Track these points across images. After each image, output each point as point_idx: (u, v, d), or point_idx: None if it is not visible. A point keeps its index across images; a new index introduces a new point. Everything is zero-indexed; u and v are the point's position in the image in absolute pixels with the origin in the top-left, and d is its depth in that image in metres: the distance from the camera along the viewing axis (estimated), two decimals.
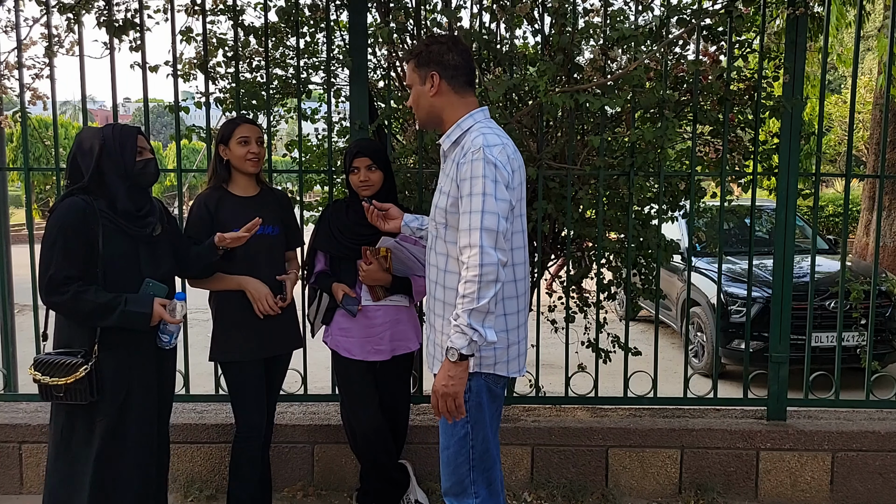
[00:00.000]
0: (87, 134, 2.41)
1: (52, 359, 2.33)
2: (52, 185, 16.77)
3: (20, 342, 3.60)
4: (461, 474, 2.22)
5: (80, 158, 2.37)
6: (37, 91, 3.42)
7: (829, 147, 17.98)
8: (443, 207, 2.17)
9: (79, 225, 2.29)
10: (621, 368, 3.45)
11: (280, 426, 3.26)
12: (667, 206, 3.51)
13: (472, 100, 2.24)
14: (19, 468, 3.34)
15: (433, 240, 2.25)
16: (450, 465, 2.24)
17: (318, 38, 3.47)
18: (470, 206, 2.03)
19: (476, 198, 2.02)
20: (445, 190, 2.16)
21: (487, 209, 2.01)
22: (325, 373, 3.39)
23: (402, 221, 2.57)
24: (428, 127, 2.39)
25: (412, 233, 2.58)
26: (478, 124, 2.18)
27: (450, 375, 2.02)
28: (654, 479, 3.34)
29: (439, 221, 2.19)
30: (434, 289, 2.24)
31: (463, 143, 2.15)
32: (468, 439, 2.20)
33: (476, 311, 1.97)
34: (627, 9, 3.32)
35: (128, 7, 3.29)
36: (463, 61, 2.21)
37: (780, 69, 3.26)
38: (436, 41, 2.23)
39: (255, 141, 2.75)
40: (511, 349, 2.21)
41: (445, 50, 2.19)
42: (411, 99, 2.28)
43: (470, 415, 2.17)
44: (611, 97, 3.06)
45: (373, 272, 2.74)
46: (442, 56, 2.18)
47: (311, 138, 4.00)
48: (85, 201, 2.32)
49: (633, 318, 4.00)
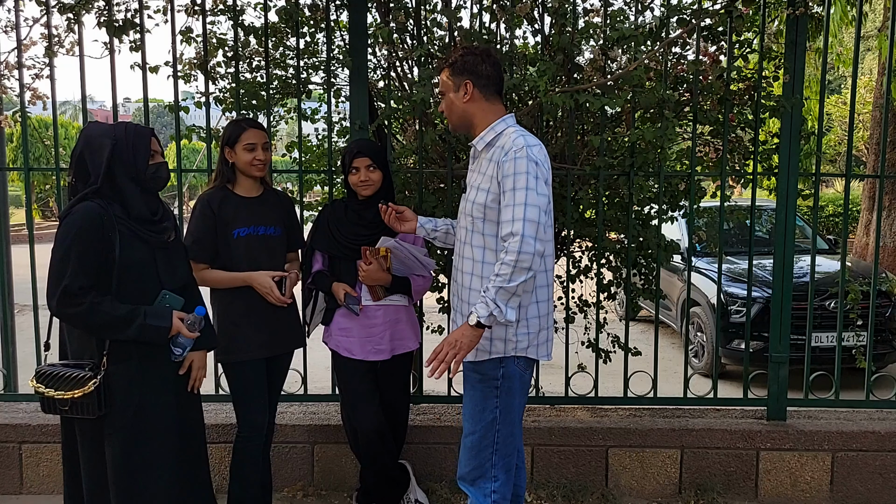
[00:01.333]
0: (97, 131, 2.26)
1: (57, 371, 2.21)
2: (52, 186, 16.79)
3: (20, 342, 3.60)
4: (483, 458, 2.35)
5: (89, 157, 2.22)
6: (37, 91, 3.42)
7: (829, 147, 17.97)
8: (481, 203, 2.31)
9: (95, 231, 2.16)
10: (621, 368, 3.45)
11: (280, 426, 3.26)
12: (667, 206, 3.51)
13: (501, 107, 2.42)
14: (19, 468, 3.34)
15: (468, 234, 2.39)
16: (472, 450, 2.37)
17: (318, 38, 3.46)
18: (514, 200, 2.20)
19: (520, 192, 2.19)
20: (484, 187, 2.31)
21: (530, 202, 2.18)
22: (325, 373, 3.39)
23: (418, 223, 2.69)
24: (459, 130, 2.56)
25: (426, 234, 2.72)
26: (510, 127, 2.36)
27: (464, 334, 2.21)
28: (654, 479, 3.34)
29: (476, 216, 2.34)
30: (470, 280, 2.38)
31: (501, 144, 2.31)
32: (495, 424, 2.34)
33: (504, 290, 2.15)
34: (627, 9, 3.32)
35: (128, 7, 3.29)
36: (494, 72, 2.39)
37: (780, 69, 3.26)
38: (471, 52, 2.39)
39: (261, 147, 2.74)
40: (541, 334, 2.39)
41: (479, 61, 2.36)
42: (444, 104, 2.46)
43: (500, 399, 2.34)
44: (611, 97, 3.06)
45: (373, 272, 2.74)
46: (476, 66, 2.36)
47: (311, 138, 4.00)
48: (100, 206, 2.19)
49: (633, 318, 4.00)
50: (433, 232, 2.71)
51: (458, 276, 2.46)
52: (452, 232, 2.68)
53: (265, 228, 2.75)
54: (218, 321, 2.77)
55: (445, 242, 2.72)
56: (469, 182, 2.45)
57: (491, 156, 2.33)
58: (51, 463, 3.32)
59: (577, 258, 3.59)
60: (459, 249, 2.46)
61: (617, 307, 7.63)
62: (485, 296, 2.19)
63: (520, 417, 2.43)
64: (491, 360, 2.33)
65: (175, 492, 2.34)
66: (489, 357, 2.33)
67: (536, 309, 2.35)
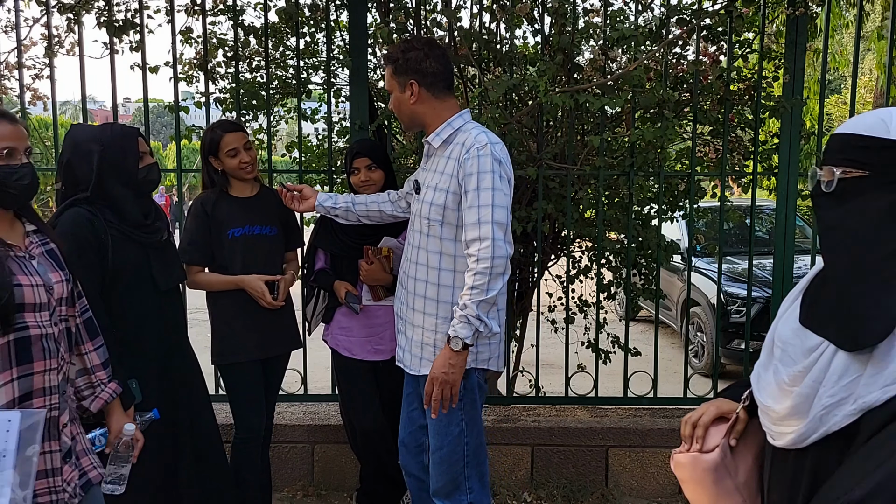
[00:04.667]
0: (83, 136, 2.19)
1: None
2: (52, 186, 16.70)
3: None
4: (455, 472, 2.26)
5: (77, 164, 2.16)
6: (37, 91, 3.43)
7: None
8: (440, 204, 2.17)
9: (88, 235, 2.12)
10: (621, 368, 3.45)
11: (280, 426, 3.26)
12: (667, 206, 3.51)
13: (453, 102, 2.27)
14: None
15: (422, 238, 2.25)
16: (443, 465, 2.27)
17: (318, 38, 3.47)
18: (478, 201, 2.07)
19: (485, 192, 2.07)
20: (443, 187, 2.17)
21: (497, 203, 2.06)
22: (324, 373, 3.39)
23: (317, 201, 2.60)
24: (412, 129, 2.44)
25: (326, 212, 2.62)
26: (469, 123, 2.24)
27: (451, 363, 2.07)
28: (654, 479, 3.34)
29: (434, 219, 2.19)
30: (425, 288, 2.25)
31: (461, 141, 2.17)
32: (462, 437, 2.24)
33: (485, 303, 2.04)
34: (627, 9, 3.33)
35: (128, 7, 3.30)
36: (441, 67, 2.21)
37: (780, 69, 3.26)
38: (412, 47, 2.21)
39: (243, 149, 2.68)
40: (501, 344, 2.29)
41: (423, 57, 2.18)
42: (392, 104, 2.29)
43: (465, 412, 2.23)
44: (611, 97, 3.06)
45: (374, 272, 2.74)
46: (419, 64, 2.18)
47: (311, 138, 4.00)
48: (90, 212, 2.14)
49: (633, 318, 4.00)
50: (333, 209, 2.60)
51: (409, 282, 2.31)
52: (353, 210, 2.61)
53: (260, 228, 2.74)
54: (212, 323, 2.78)
55: (348, 220, 2.65)
56: (423, 182, 2.30)
57: (449, 153, 2.19)
58: None
59: (577, 258, 3.59)
60: (411, 254, 2.31)
61: (617, 307, 7.63)
62: (464, 314, 2.04)
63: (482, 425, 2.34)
64: None
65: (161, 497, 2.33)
66: None
67: (497, 317, 2.19)
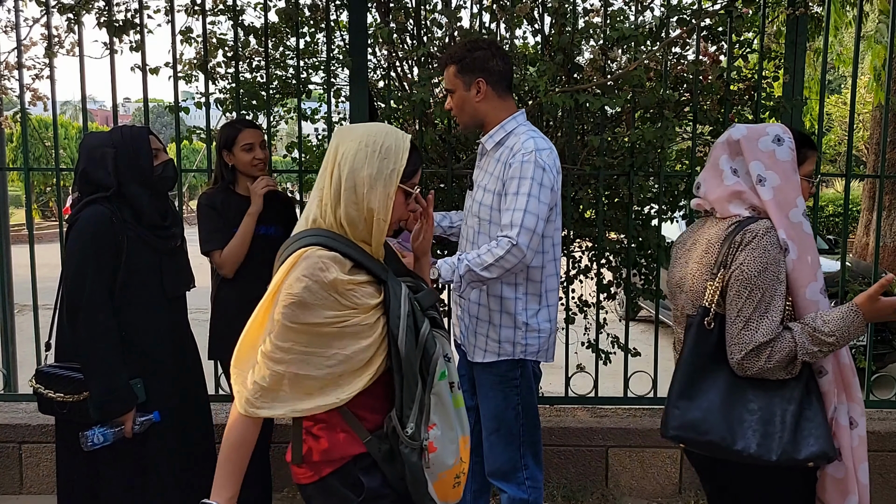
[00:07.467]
0: (95, 141, 2.21)
1: (57, 372, 2.17)
2: (53, 186, 16.68)
3: (20, 342, 3.60)
4: (511, 451, 2.35)
5: (93, 170, 2.18)
6: (37, 91, 3.42)
7: (829, 147, 17.97)
8: (487, 204, 2.27)
9: (106, 235, 2.12)
10: (621, 368, 3.45)
11: (280, 426, 3.26)
12: (667, 206, 3.51)
13: (511, 103, 2.35)
14: (19, 468, 3.34)
15: (474, 235, 2.34)
16: (499, 446, 2.36)
17: (318, 38, 3.46)
18: (514, 204, 2.14)
19: (521, 197, 2.13)
20: (490, 188, 2.26)
21: (530, 209, 2.12)
22: None
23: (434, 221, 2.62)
24: (469, 129, 2.47)
25: (443, 232, 2.65)
26: (521, 126, 2.30)
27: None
28: (654, 479, 3.34)
29: (484, 218, 2.29)
30: None
31: (511, 145, 2.24)
32: (519, 419, 2.35)
33: (472, 272, 2.11)
34: (627, 9, 3.32)
35: (128, 7, 3.30)
36: (506, 67, 2.30)
37: (780, 69, 3.26)
38: (478, 47, 2.29)
39: (258, 146, 2.76)
40: (551, 337, 2.37)
41: (489, 56, 2.26)
42: (454, 103, 2.33)
43: (521, 397, 2.34)
44: (611, 97, 3.06)
45: None
46: (486, 62, 2.26)
47: (311, 138, 4.00)
48: (110, 210, 2.15)
49: (633, 318, 4.00)
50: (449, 229, 2.63)
51: None
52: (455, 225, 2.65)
53: (265, 228, 2.76)
54: (212, 322, 2.79)
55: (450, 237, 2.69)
56: (476, 180, 2.39)
57: (499, 156, 2.27)
58: (51, 463, 3.31)
59: (577, 258, 3.59)
60: (465, 249, 2.40)
61: (617, 307, 7.63)
62: (456, 264, 2.12)
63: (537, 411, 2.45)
64: (505, 361, 2.32)
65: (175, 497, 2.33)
66: (498, 358, 2.33)
67: (547, 313, 2.33)
